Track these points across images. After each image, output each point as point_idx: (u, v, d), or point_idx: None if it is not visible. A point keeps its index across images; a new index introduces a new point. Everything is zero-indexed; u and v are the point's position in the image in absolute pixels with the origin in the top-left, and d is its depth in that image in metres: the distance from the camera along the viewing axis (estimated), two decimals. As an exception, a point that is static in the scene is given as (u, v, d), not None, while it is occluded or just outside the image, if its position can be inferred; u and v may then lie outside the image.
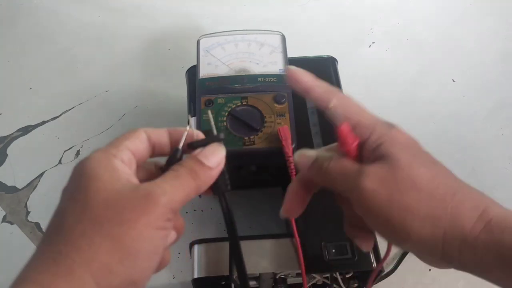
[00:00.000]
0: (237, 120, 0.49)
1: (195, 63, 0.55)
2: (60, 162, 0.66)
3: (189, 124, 0.31)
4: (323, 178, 0.31)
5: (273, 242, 0.47)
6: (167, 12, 0.85)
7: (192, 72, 0.56)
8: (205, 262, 0.46)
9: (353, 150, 0.30)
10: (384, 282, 0.54)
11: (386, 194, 0.27)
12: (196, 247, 0.47)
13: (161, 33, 0.82)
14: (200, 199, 0.59)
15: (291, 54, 0.55)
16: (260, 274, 0.46)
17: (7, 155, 0.67)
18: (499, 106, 0.72)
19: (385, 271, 0.54)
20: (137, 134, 0.29)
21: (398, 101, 0.72)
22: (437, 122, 0.70)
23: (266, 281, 0.47)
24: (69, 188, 0.27)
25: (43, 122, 0.70)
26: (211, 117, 0.33)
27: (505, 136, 0.68)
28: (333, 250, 0.46)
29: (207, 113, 0.39)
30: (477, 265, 0.27)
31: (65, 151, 0.67)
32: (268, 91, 0.51)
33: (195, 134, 0.30)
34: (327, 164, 0.30)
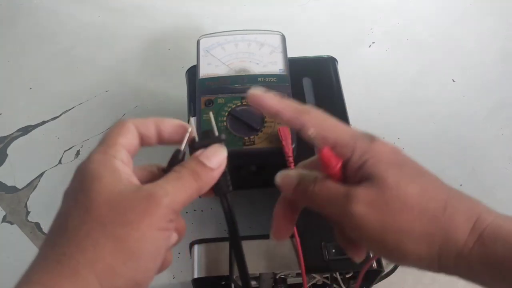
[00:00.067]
0: (237, 120, 0.49)
1: (195, 63, 0.55)
2: (60, 162, 0.66)
3: (190, 124, 0.31)
4: (309, 202, 0.30)
5: (273, 242, 0.46)
6: (167, 12, 0.85)
7: (192, 72, 0.56)
8: (205, 262, 0.46)
9: (337, 173, 0.29)
10: (384, 282, 0.54)
11: (378, 218, 0.27)
12: (196, 247, 0.47)
13: (161, 33, 0.82)
14: (200, 199, 0.59)
15: (291, 54, 0.55)
16: (260, 274, 0.46)
17: (7, 155, 0.67)
18: (499, 106, 0.72)
19: (385, 271, 0.54)
20: (128, 128, 0.29)
21: (398, 101, 0.72)
22: (437, 122, 0.70)
23: (266, 281, 0.48)
24: (71, 190, 0.27)
25: (43, 122, 0.70)
26: (212, 118, 0.32)
27: (505, 136, 0.68)
28: (333, 250, 0.46)
29: (208, 114, 0.39)
30: (473, 277, 0.27)
31: (65, 151, 0.67)
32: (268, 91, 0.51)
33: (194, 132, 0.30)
34: (312, 188, 0.29)
